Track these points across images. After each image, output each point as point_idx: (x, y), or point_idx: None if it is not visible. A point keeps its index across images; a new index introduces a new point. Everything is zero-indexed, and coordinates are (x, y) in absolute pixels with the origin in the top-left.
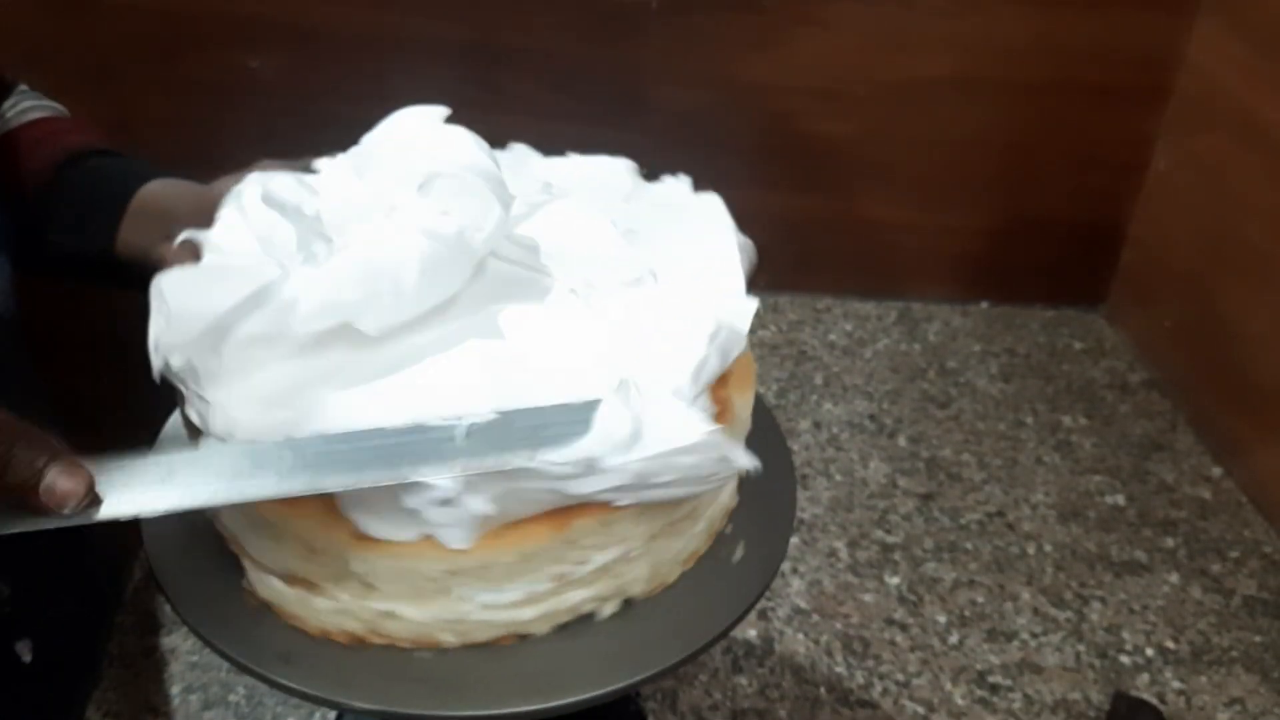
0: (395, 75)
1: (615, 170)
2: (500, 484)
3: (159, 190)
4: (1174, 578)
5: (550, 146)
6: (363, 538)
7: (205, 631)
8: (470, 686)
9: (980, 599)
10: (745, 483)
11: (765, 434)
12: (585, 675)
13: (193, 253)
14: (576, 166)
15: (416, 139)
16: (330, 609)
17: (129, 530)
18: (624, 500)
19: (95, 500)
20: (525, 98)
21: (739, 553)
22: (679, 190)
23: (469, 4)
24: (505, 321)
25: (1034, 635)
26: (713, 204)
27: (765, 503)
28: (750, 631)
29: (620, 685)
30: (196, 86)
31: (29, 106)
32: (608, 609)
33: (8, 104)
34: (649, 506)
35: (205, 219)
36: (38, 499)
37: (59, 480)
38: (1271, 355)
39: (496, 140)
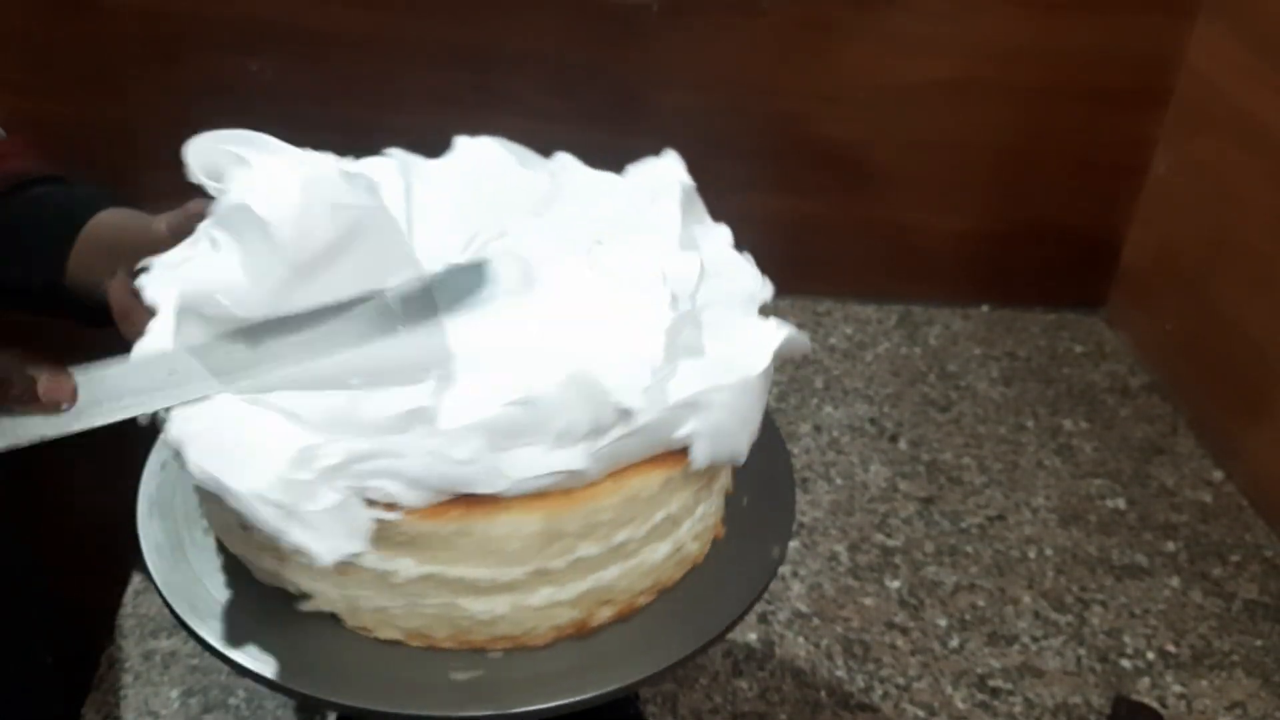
0: (396, 78)
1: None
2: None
3: (109, 221)
4: (1175, 581)
5: (549, 150)
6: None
7: (204, 634)
8: (469, 687)
9: (981, 603)
10: (746, 485)
11: (765, 437)
12: (584, 676)
13: (128, 292)
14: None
15: None
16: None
17: (128, 533)
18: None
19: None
20: (526, 100)
21: (738, 554)
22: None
23: (469, 6)
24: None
25: (1035, 639)
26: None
27: (765, 506)
28: (751, 635)
29: (619, 686)
30: (197, 88)
31: None
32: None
33: None
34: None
35: (149, 252)
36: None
37: (50, 382)
38: (1272, 358)
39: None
